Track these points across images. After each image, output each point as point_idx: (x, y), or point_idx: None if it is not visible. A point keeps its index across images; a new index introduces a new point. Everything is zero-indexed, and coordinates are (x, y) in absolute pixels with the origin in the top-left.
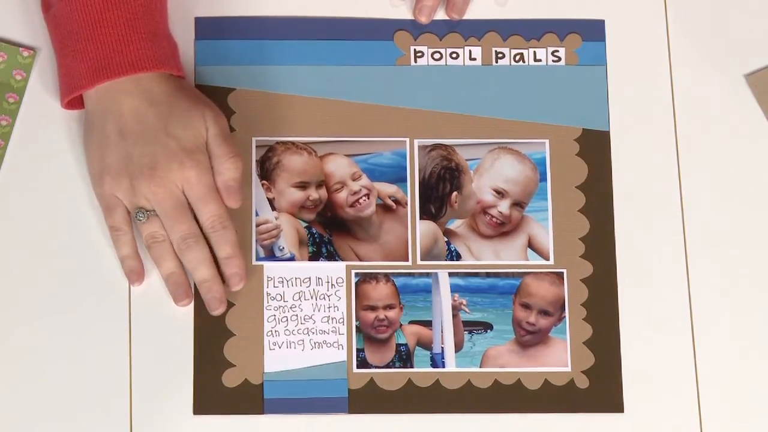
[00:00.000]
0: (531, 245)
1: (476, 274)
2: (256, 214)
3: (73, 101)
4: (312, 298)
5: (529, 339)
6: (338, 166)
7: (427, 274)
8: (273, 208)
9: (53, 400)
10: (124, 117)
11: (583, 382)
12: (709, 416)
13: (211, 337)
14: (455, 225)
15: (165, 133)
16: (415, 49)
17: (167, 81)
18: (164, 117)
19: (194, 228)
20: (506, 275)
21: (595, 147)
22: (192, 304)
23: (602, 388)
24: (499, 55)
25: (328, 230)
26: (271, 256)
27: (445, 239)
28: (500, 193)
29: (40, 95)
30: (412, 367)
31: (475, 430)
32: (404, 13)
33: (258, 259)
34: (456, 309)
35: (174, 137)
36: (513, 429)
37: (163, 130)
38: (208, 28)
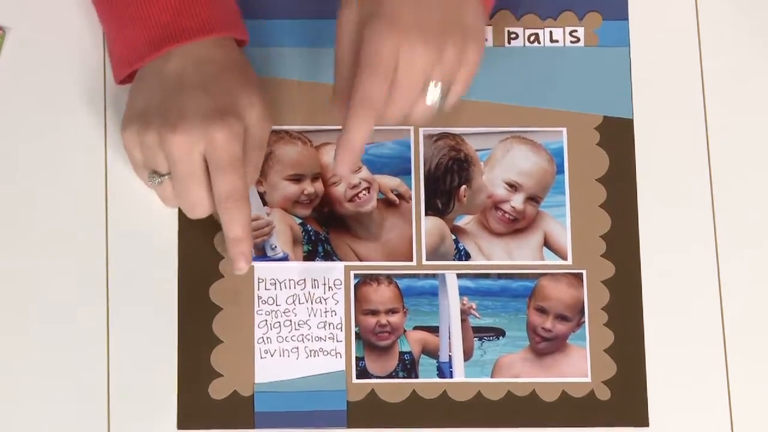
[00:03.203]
0: (547, 244)
1: (487, 276)
2: None
3: (127, 77)
4: (307, 301)
5: (545, 346)
6: None
7: (434, 276)
8: (264, 203)
9: (22, 417)
10: (168, 71)
11: (604, 394)
12: (742, 431)
13: (197, 345)
14: (464, 221)
15: (203, 90)
16: None
17: (227, 46)
18: (209, 77)
19: (204, 200)
20: (520, 276)
21: (617, 136)
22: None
23: (625, 400)
24: (512, 36)
25: (325, 227)
26: (262, 255)
27: (453, 237)
28: (513, 187)
29: (11, 75)
30: (416, 377)
31: None
32: None
33: None
34: (465, 314)
35: (211, 95)
36: None
37: (202, 87)
38: None
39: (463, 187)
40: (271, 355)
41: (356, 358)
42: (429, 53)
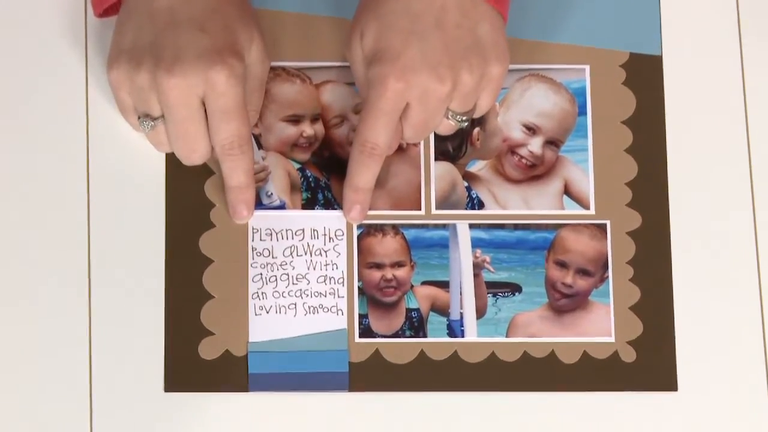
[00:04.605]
0: (567, 192)
1: (502, 226)
2: None
3: (109, 8)
4: (306, 253)
5: (565, 303)
6: (337, 97)
7: (444, 226)
8: (260, 147)
9: None
10: (158, 2)
11: (629, 355)
12: None
13: (186, 301)
14: (477, 167)
15: (199, 26)
16: None
17: None
18: (203, 11)
19: (204, 146)
20: (538, 227)
21: (644, 74)
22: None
23: (652, 363)
24: None
25: (326, 173)
26: (257, 203)
27: (465, 184)
28: (531, 129)
29: None
30: (425, 336)
31: (500, 411)
32: None
33: None
34: (478, 267)
35: (209, 33)
36: (545, 410)
37: (197, 23)
38: None
39: (477, 129)
40: (267, 312)
41: (359, 315)
42: (441, 88)
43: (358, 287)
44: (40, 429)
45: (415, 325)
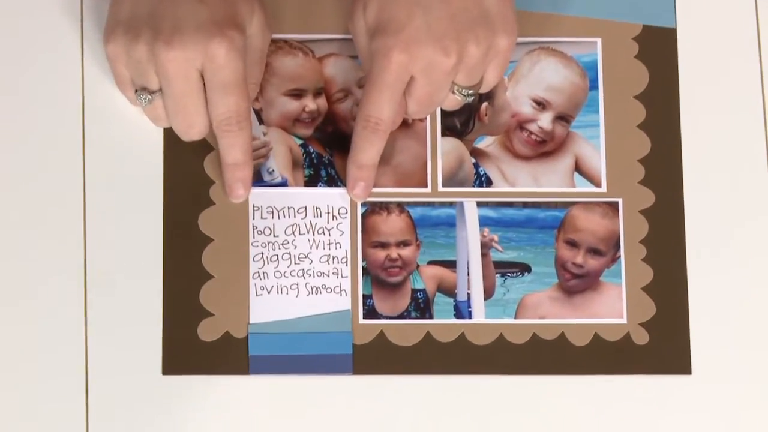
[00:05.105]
0: (578, 169)
1: (511, 204)
2: None
3: None
4: (308, 232)
5: (576, 284)
6: (341, 70)
7: (450, 204)
8: (260, 122)
9: None
10: None
11: (641, 338)
12: None
13: (184, 280)
14: (485, 143)
15: (198, 0)
16: None
17: None
18: None
19: (202, 121)
20: (547, 205)
21: (658, 47)
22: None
23: (665, 345)
24: None
25: (329, 149)
26: (258, 180)
27: (473, 160)
28: (541, 104)
29: None
30: (431, 318)
31: (509, 395)
32: None
33: None
34: (486, 247)
35: (208, 4)
36: (554, 393)
37: None
38: None
39: (485, 104)
40: (268, 293)
41: (363, 296)
42: (447, 60)
43: (362, 267)
44: (36, 412)
45: (421, 306)
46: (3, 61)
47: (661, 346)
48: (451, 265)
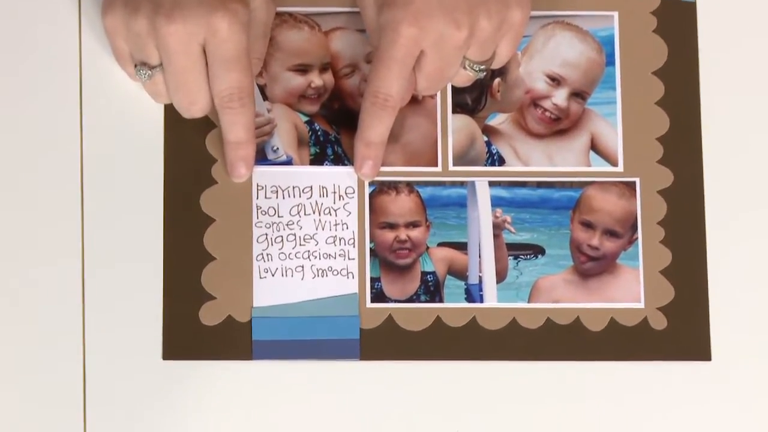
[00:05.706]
0: (594, 147)
1: (524, 184)
2: None
3: None
4: (314, 212)
5: (591, 267)
6: (348, 44)
7: (462, 183)
8: (265, 98)
9: None
10: None
11: (659, 322)
12: None
13: (186, 262)
14: (498, 121)
15: None
16: None
17: None
18: None
19: (204, 97)
20: (562, 185)
21: (677, 22)
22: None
23: (684, 330)
24: None
25: (335, 126)
26: (262, 159)
27: (485, 138)
28: (555, 80)
29: None
30: (441, 301)
31: (521, 382)
32: None
33: None
34: (498, 228)
35: None
36: (569, 380)
37: None
38: None
39: (497, 80)
40: (272, 275)
41: (371, 278)
42: (458, 34)
43: (370, 249)
44: (32, 398)
45: (431, 290)
46: None
47: (679, 331)
48: (462, 246)
